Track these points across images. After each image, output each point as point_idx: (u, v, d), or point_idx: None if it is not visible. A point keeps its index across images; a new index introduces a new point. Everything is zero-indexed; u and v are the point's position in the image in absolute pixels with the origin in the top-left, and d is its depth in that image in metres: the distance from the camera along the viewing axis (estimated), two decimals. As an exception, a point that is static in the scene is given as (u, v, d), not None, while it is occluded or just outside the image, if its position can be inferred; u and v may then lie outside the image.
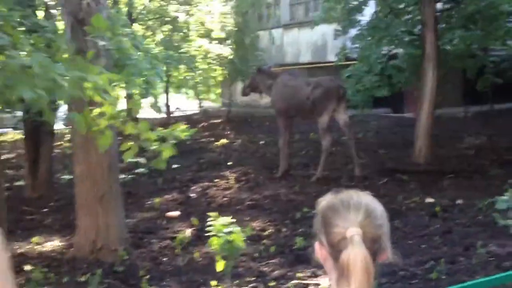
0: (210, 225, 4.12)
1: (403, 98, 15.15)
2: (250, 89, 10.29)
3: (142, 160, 9.72)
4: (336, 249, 1.46)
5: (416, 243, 5.84)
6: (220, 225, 3.89)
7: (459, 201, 7.34)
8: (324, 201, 1.56)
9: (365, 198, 1.56)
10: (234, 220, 4.14)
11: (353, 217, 1.47)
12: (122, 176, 8.14)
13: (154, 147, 3.79)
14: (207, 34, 15.88)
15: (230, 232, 3.90)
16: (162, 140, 3.77)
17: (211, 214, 4.10)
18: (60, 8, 5.90)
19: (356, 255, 1.41)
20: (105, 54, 5.24)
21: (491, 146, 10.93)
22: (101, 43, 4.85)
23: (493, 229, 5.97)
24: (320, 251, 1.54)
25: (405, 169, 9.50)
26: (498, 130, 12.33)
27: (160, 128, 4.04)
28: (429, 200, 7.54)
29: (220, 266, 4.12)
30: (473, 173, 9.05)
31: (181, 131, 3.73)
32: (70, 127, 7.95)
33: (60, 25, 6.26)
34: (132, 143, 3.76)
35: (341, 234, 1.45)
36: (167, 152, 3.85)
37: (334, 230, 1.47)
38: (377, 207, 1.55)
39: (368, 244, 1.44)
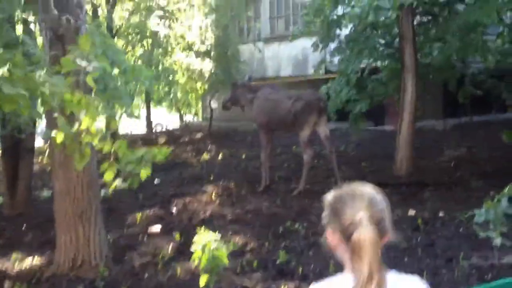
0: (193, 241, 4.07)
1: (384, 111, 15.27)
2: (231, 103, 10.29)
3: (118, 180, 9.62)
4: (347, 233, 1.71)
5: (399, 256, 5.85)
6: (206, 241, 3.85)
7: (440, 214, 7.38)
8: (331, 195, 1.83)
9: (367, 188, 1.81)
10: (219, 235, 4.09)
11: (359, 204, 1.73)
12: (103, 191, 8.04)
13: (131, 168, 3.75)
14: (188, 48, 15.88)
15: (215, 248, 3.86)
16: (139, 159, 3.74)
17: (199, 229, 4.06)
18: (39, 23, 5.84)
19: (365, 233, 1.68)
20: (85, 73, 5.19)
21: (470, 158, 11.05)
22: (82, 63, 4.82)
23: (475, 242, 6.00)
24: (332, 238, 1.80)
25: (387, 182, 9.51)
26: (477, 142, 12.48)
27: (138, 148, 4.02)
28: (411, 212, 7.57)
29: (203, 281, 4.07)
30: (453, 185, 9.13)
31: (159, 153, 3.71)
32: (48, 143, 7.84)
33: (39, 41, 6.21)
34: (110, 162, 3.73)
35: (351, 219, 1.71)
36: (144, 173, 3.83)
37: (344, 217, 1.73)
38: (378, 195, 1.80)
39: (374, 225, 1.70)
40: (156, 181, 10.66)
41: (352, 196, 1.77)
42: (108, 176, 3.64)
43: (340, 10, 10.02)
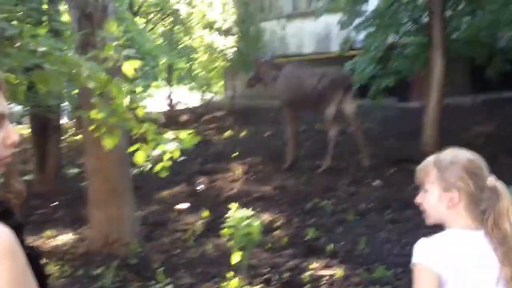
0: (226, 217, 4.09)
1: (409, 88, 15.06)
2: (256, 81, 10.22)
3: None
4: (478, 196, 1.90)
5: (428, 233, 5.78)
6: (239, 217, 3.87)
7: (470, 190, 7.30)
8: (464, 158, 1.97)
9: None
10: (251, 211, 4.10)
11: (486, 170, 1.98)
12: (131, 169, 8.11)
13: (159, 152, 3.77)
14: (209, 26, 15.80)
15: (248, 225, 3.87)
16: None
17: (229, 205, 4.07)
18: (66, 2, 5.84)
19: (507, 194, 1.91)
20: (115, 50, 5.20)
21: (499, 135, 10.88)
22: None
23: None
24: (453, 198, 1.92)
25: (414, 159, 9.42)
26: (506, 118, 12.27)
27: (166, 131, 4.03)
28: (439, 189, 7.50)
29: (236, 257, 4.10)
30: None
31: (187, 139, 3.71)
32: (76, 122, 7.91)
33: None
34: (141, 144, 3.75)
35: (491, 183, 1.92)
36: (175, 153, 3.85)
37: (484, 180, 1.92)
38: None
39: None
40: (180, 158, 10.71)
41: (480, 161, 1.99)
42: (139, 157, 3.65)
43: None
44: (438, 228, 5.67)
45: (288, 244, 5.68)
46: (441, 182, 1.93)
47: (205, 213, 6.93)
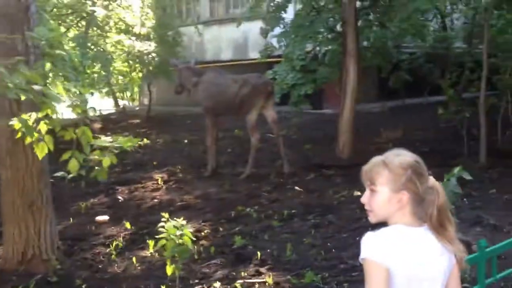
0: (158, 227, 3.99)
1: (322, 95, 15.48)
2: (182, 87, 10.07)
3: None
4: (423, 195, 1.99)
5: (351, 236, 5.98)
6: (172, 227, 3.78)
7: (386, 194, 7.58)
8: (408, 159, 2.01)
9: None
10: (184, 222, 4.02)
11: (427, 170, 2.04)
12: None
13: (95, 156, 3.62)
14: (126, 30, 15.43)
15: (181, 235, 3.80)
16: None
17: (163, 214, 3.98)
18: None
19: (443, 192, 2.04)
20: (34, 51, 4.96)
21: (407, 139, 11.42)
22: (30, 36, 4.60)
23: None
24: (402, 199, 1.99)
25: (331, 164, 9.74)
26: (412, 123, 12.92)
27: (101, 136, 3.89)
28: (357, 193, 7.74)
29: (169, 270, 4.00)
30: (394, 165, 9.40)
31: (128, 141, 3.60)
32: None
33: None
34: (73, 151, 3.59)
35: (431, 182, 2.02)
36: (107, 162, 3.72)
37: (426, 180, 2.01)
38: None
39: None
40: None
41: (423, 162, 2.04)
42: (73, 166, 3.49)
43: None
44: (360, 232, 5.82)
45: (215, 254, 5.64)
46: (391, 184, 1.98)
47: (127, 225, 6.74)
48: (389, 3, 10.29)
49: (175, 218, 4.39)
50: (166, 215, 3.90)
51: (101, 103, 22.63)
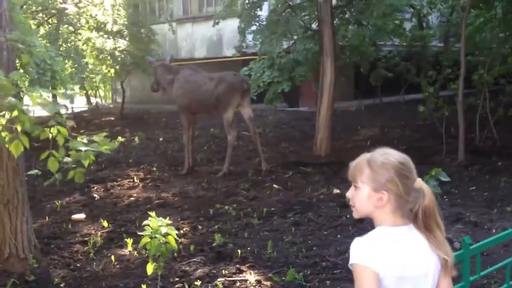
0: (144, 225, 3.92)
1: (298, 93, 15.55)
2: (158, 85, 9.96)
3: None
4: (405, 197, 1.98)
5: (331, 234, 6.00)
6: (156, 226, 3.72)
7: (364, 191, 7.63)
8: (394, 160, 2.00)
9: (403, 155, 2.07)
10: (169, 220, 3.96)
11: (414, 171, 2.03)
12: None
13: (73, 158, 3.55)
14: (98, 27, 15.21)
15: (165, 233, 3.74)
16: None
17: (150, 213, 3.91)
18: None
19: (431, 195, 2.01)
20: (7, 51, 4.83)
21: (384, 137, 11.54)
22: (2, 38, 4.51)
23: (402, 216, 6.28)
24: (382, 198, 1.98)
25: (308, 162, 9.76)
26: (388, 121, 13.06)
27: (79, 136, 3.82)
28: (336, 191, 7.78)
29: (150, 268, 3.94)
30: (371, 163, 9.48)
31: (105, 144, 3.54)
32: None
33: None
34: (51, 151, 3.52)
35: (418, 184, 2.01)
36: (86, 162, 3.67)
37: (413, 181, 2.00)
38: None
39: None
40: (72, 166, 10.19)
41: (410, 163, 2.03)
42: (52, 165, 3.41)
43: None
44: (340, 229, 5.83)
45: (195, 252, 5.58)
46: (372, 182, 1.99)
47: (104, 223, 6.64)
48: (364, 2, 10.34)
49: (156, 217, 4.35)
50: (153, 213, 3.83)
51: (73, 101, 22.35)
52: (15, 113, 3.62)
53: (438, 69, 12.26)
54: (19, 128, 3.63)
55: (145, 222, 3.82)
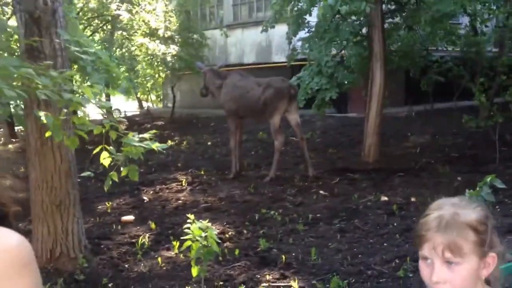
0: (185, 228, 3.99)
1: (346, 98, 15.42)
2: (206, 90, 10.10)
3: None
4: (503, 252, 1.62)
5: (378, 242, 5.92)
6: (197, 229, 3.78)
7: (412, 199, 7.51)
8: (474, 210, 1.58)
9: None
10: (209, 223, 4.02)
11: None
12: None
13: (127, 152, 3.65)
14: (151, 33, 15.56)
15: (206, 236, 3.79)
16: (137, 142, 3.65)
17: (189, 216, 3.97)
18: (13, 4, 5.57)
19: None
20: (61, 54, 5.01)
21: (435, 144, 11.30)
22: (57, 40, 4.68)
23: (451, 226, 6.13)
24: (490, 264, 1.59)
25: (356, 168, 9.67)
26: (440, 128, 12.77)
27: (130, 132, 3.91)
28: (384, 198, 7.67)
29: (194, 271, 4.00)
30: (420, 171, 9.32)
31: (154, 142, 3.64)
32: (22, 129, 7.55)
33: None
34: (104, 145, 3.63)
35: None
36: (138, 152, 3.76)
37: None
38: None
39: None
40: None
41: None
42: (105, 159, 3.52)
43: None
44: (387, 238, 5.74)
45: (240, 256, 5.62)
46: (479, 247, 1.55)
47: (152, 225, 6.77)
48: (416, 6, 10.17)
49: (200, 220, 4.42)
50: (192, 216, 3.89)
51: (126, 105, 22.94)
52: (73, 107, 3.76)
53: (493, 75, 11.91)
54: (76, 122, 3.75)
55: (186, 226, 3.88)
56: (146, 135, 3.79)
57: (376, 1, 9.76)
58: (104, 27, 16.44)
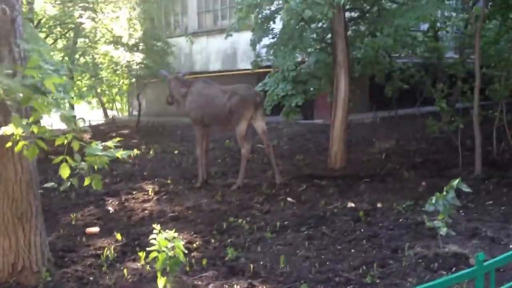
0: (150, 239, 3.92)
1: (313, 105, 15.51)
2: (172, 98, 10.01)
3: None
4: None
5: (345, 248, 5.94)
6: (163, 239, 3.72)
7: (378, 205, 7.59)
8: None
9: None
10: (176, 233, 3.96)
11: None
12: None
13: (90, 162, 3.57)
14: (115, 41, 15.38)
15: (172, 247, 3.74)
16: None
17: (154, 226, 3.91)
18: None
19: None
20: (21, 63, 4.89)
21: (399, 150, 11.46)
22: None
23: (416, 231, 6.22)
24: None
25: (323, 175, 9.72)
26: (404, 134, 12.97)
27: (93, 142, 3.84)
28: (350, 204, 7.73)
29: (161, 282, 3.93)
30: (386, 176, 9.44)
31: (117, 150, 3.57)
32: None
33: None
34: (65, 156, 3.54)
35: None
36: (102, 161, 3.70)
37: None
38: None
39: None
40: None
41: None
42: (64, 172, 3.44)
43: (274, 5, 10.05)
44: (355, 244, 5.78)
45: (207, 266, 5.56)
46: None
47: (118, 236, 6.65)
48: (378, 14, 10.31)
49: (166, 230, 4.35)
50: (158, 227, 3.83)
51: (90, 114, 22.59)
52: (34, 116, 3.67)
53: (454, 81, 12.16)
54: (35, 130, 3.66)
55: (151, 236, 3.83)
56: (109, 144, 3.73)
57: (339, 7, 9.85)
58: (67, 35, 16.17)
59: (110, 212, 8.10)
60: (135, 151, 13.15)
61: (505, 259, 3.33)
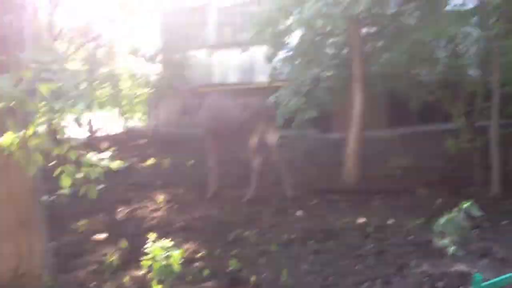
0: (144, 248, 3.89)
1: (329, 119, 15.39)
2: (186, 109, 10.07)
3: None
4: None
5: (351, 264, 5.84)
6: (158, 248, 3.68)
7: (389, 221, 7.45)
8: None
9: None
10: (170, 242, 3.92)
11: None
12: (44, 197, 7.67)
13: (85, 171, 3.57)
14: (134, 52, 15.52)
15: (168, 256, 3.69)
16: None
17: (148, 236, 3.87)
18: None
19: None
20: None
21: (416, 167, 11.27)
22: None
23: (425, 249, 6.07)
24: None
25: (335, 189, 9.61)
26: (421, 151, 12.76)
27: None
28: (361, 220, 7.61)
29: (156, 291, 3.89)
30: (400, 193, 9.28)
31: (112, 162, 3.57)
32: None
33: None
34: (65, 166, 3.55)
35: None
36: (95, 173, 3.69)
37: None
38: None
39: None
40: (100, 186, 10.29)
41: None
42: (65, 181, 3.44)
43: (290, 20, 10.03)
44: (361, 259, 5.68)
45: (209, 276, 5.51)
46: None
47: (123, 244, 6.64)
48: (396, 30, 10.22)
49: (169, 239, 4.32)
50: (153, 235, 3.80)
51: (109, 124, 22.78)
52: (31, 130, 3.68)
53: (474, 98, 11.91)
54: (33, 142, 3.66)
55: (147, 245, 3.79)
56: (104, 155, 3.74)
57: (355, 23, 9.80)
58: (86, 46, 16.38)
59: (120, 220, 8.11)
60: (150, 161, 13.21)
61: (504, 281, 3.21)
